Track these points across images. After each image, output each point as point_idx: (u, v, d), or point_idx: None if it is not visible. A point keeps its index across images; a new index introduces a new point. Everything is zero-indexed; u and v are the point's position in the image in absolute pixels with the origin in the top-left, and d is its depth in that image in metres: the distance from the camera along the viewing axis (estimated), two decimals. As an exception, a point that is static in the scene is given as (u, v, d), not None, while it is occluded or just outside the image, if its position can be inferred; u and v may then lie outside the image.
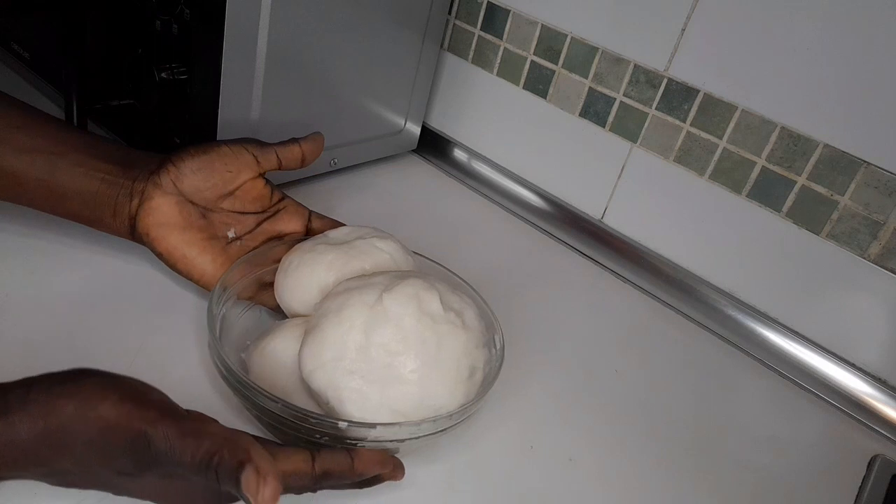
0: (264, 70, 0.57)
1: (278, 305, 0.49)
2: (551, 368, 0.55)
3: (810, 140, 0.57)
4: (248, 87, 0.57)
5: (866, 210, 0.56)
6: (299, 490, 0.36)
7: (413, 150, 0.80)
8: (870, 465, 0.54)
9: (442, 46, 0.76)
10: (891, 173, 0.54)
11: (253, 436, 0.34)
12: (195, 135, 0.58)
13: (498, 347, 0.47)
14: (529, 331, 0.58)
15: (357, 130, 0.71)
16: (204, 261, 0.49)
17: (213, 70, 0.54)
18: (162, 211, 0.48)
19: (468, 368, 0.42)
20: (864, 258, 0.57)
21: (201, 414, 0.36)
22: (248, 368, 0.45)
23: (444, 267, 0.52)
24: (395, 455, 0.40)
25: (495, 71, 0.74)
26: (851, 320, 0.59)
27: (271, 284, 0.50)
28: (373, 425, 0.38)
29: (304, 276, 0.47)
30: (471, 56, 0.75)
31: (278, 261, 0.50)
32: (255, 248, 0.51)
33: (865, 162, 0.55)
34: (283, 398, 0.39)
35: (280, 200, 0.53)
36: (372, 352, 0.41)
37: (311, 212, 0.54)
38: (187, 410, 0.36)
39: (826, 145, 0.56)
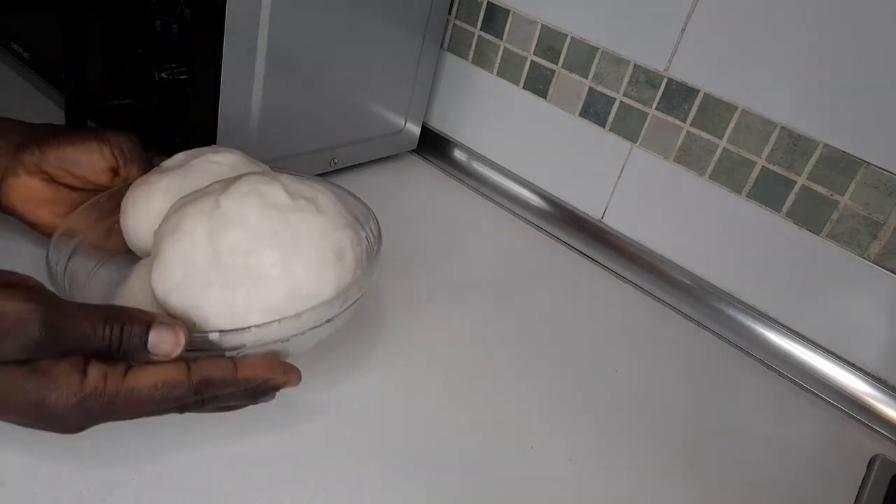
0: (264, 70, 0.57)
1: (130, 250, 0.47)
2: (551, 368, 0.55)
3: (810, 140, 0.57)
4: (248, 86, 0.57)
5: (866, 210, 0.56)
6: (179, 403, 0.35)
7: (413, 150, 0.80)
8: (870, 465, 0.54)
9: (442, 46, 0.76)
10: (891, 173, 0.54)
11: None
12: (195, 135, 0.58)
13: (374, 232, 0.45)
14: (529, 330, 0.58)
15: (357, 130, 0.71)
16: None
17: (213, 70, 0.54)
18: (29, 187, 0.46)
19: (333, 251, 0.40)
20: (864, 258, 0.57)
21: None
22: None
23: (297, 174, 0.48)
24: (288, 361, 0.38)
25: (495, 71, 0.74)
26: (851, 320, 0.59)
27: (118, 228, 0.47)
28: (246, 329, 0.36)
29: (142, 211, 0.44)
30: (471, 56, 0.75)
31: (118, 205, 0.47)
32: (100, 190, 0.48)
33: (865, 162, 0.55)
34: None
35: (150, 157, 0.50)
36: (223, 258, 0.38)
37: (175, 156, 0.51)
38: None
39: (826, 145, 0.56)
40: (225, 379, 0.36)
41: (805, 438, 0.57)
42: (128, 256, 0.48)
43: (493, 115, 0.76)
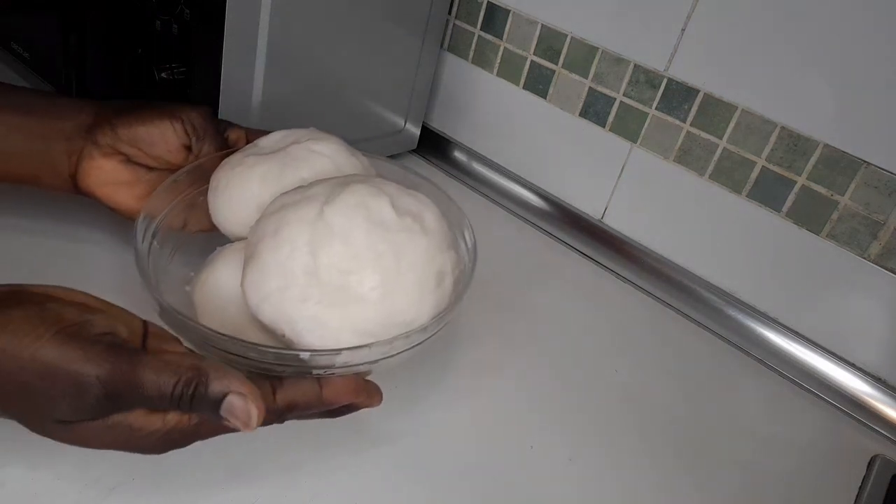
0: (264, 70, 0.57)
1: (214, 227, 0.45)
2: (551, 368, 0.55)
3: (810, 140, 0.57)
4: (247, 86, 0.57)
5: (866, 210, 0.56)
6: (263, 424, 0.33)
7: (413, 150, 0.80)
8: (870, 465, 0.54)
9: (442, 46, 0.76)
10: (891, 173, 0.54)
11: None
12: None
13: (469, 245, 0.43)
14: (529, 330, 0.58)
15: (357, 130, 0.71)
16: None
17: (212, 70, 0.54)
18: (105, 171, 0.45)
19: (435, 276, 0.38)
20: (864, 258, 0.57)
21: (160, 330, 0.34)
22: (194, 303, 0.41)
23: (396, 165, 0.47)
24: (368, 378, 0.37)
25: (495, 71, 0.74)
26: (851, 320, 0.59)
27: (204, 204, 0.46)
28: (338, 351, 0.35)
29: (236, 195, 0.43)
30: (471, 56, 0.75)
31: (206, 179, 0.45)
32: (177, 169, 0.46)
33: (865, 162, 0.55)
34: (236, 333, 0.35)
35: (226, 129, 0.49)
36: (322, 273, 0.36)
37: (248, 130, 0.50)
38: (145, 326, 0.34)
39: (826, 145, 0.56)
40: (310, 403, 0.35)
41: (805, 438, 0.57)
42: (207, 238, 0.46)
43: (493, 115, 0.76)
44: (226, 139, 0.48)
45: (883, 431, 0.58)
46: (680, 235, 0.66)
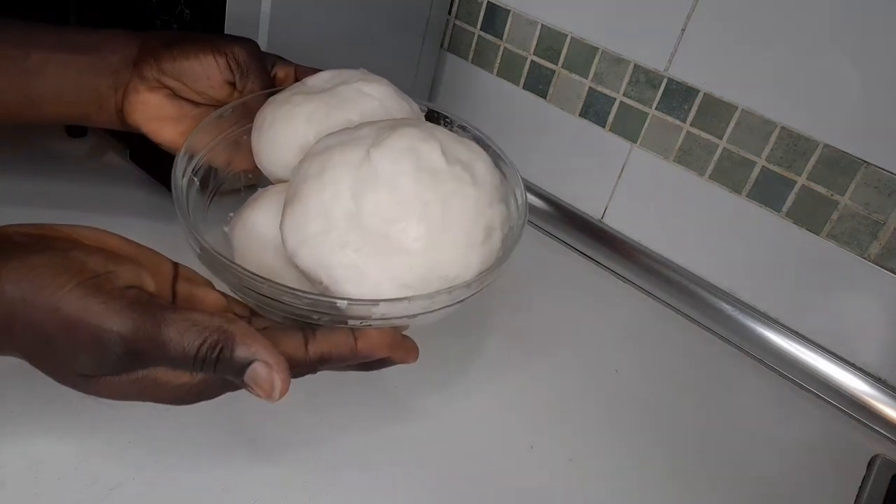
0: (264, 70, 0.57)
1: (257, 168, 0.44)
2: (551, 368, 0.55)
3: (810, 140, 0.57)
4: (248, 87, 0.57)
5: (866, 210, 0.56)
6: (295, 375, 0.32)
7: (413, 150, 0.80)
8: (870, 465, 0.54)
9: (442, 46, 0.76)
10: (891, 173, 0.54)
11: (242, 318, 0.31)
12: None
13: (519, 202, 0.41)
14: (529, 330, 0.58)
15: (357, 130, 0.70)
16: None
17: (213, 70, 0.54)
18: (151, 106, 0.44)
19: (483, 230, 0.36)
20: (864, 258, 0.57)
21: (192, 273, 0.33)
22: (233, 245, 0.40)
23: (445, 114, 0.45)
24: (405, 334, 0.36)
25: (495, 71, 0.74)
26: (851, 320, 0.59)
27: (248, 143, 0.44)
28: (375, 302, 0.33)
29: (280, 134, 0.41)
30: (471, 56, 0.75)
31: (252, 117, 0.44)
32: (223, 105, 0.45)
33: (865, 162, 0.55)
34: (273, 277, 0.34)
35: (273, 65, 0.48)
36: (365, 220, 0.34)
37: (297, 66, 0.49)
38: (175, 269, 0.33)
39: (826, 145, 0.56)
40: (343, 355, 0.33)
41: (805, 438, 0.57)
42: (249, 178, 0.45)
43: (493, 116, 0.76)
44: (273, 76, 0.47)
45: (883, 431, 0.58)
46: (680, 235, 0.66)
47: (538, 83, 0.71)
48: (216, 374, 0.30)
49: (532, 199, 0.74)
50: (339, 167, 0.35)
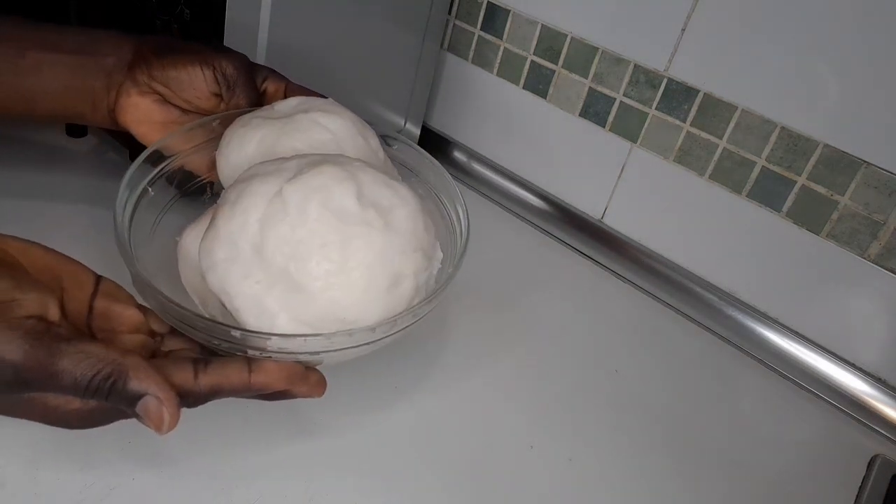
0: (264, 70, 0.57)
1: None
2: (551, 368, 0.55)
3: (810, 140, 0.57)
4: (248, 87, 0.57)
5: (866, 210, 0.56)
6: (185, 405, 0.33)
7: (413, 150, 0.80)
8: (870, 465, 0.54)
9: (442, 46, 0.76)
10: (891, 173, 0.54)
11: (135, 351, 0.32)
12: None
13: (459, 242, 0.41)
14: (529, 330, 0.58)
15: (357, 130, 0.71)
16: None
17: (213, 70, 0.54)
18: (141, 109, 0.45)
19: (388, 277, 0.36)
20: (864, 258, 0.57)
21: (113, 288, 0.33)
22: (178, 258, 0.40)
23: (414, 148, 0.46)
24: (319, 370, 0.36)
25: (495, 71, 0.74)
26: (851, 320, 0.59)
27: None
28: (269, 335, 0.34)
29: (233, 154, 0.42)
30: (471, 56, 0.75)
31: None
32: (210, 114, 0.47)
33: (865, 162, 0.55)
34: (201, 295, 0.35)
35: (265, 80, 0.48)
36: (268, 253, 0.35)
37: (288, 83, 0.49)
38: (97, 283, 0.33)
39: (826, 145, 0.56)
40: (235, 388, 0.34)
41: (805, 438, 0.57)
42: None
43: (493, 115, 0.76)
44: (263, 90, 0.48)
45: (883, 431, 0.58)
46: (680, 235, 0.66)
47: (538, 83, 0.71)
48: (108, 402, 0.30)
49: (532, 198, 0.75)
50: (254, 197, 0.36)
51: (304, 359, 0.35)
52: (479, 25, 0.73)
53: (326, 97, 0.47)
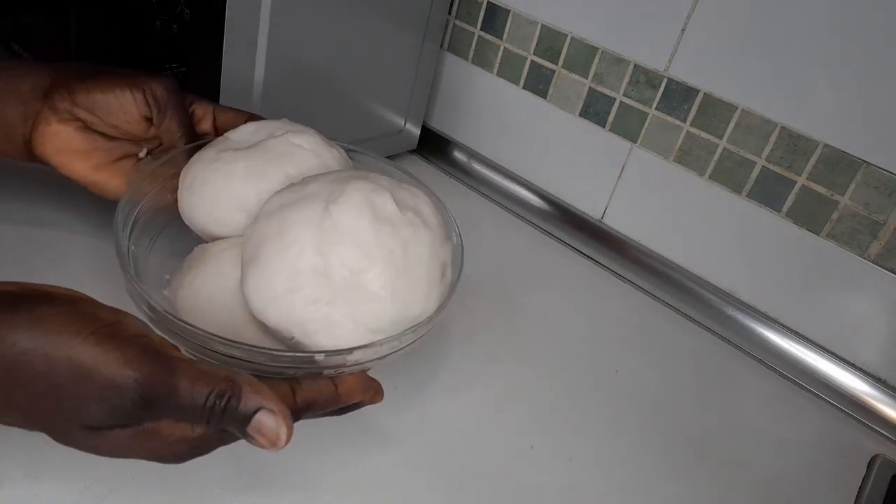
0: (264, 70, 0.57)
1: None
2: (551, 368, 0.55)
3: (810, 140, 0.57)
4: (247, 87, 0.57)
5: (866, 210, 0.56)
6: None
7: (413, 150, 0.80)
8: (870, 465, 0.54)
9: (442, 46, 0.76)
10: (891, 173, 0.54)
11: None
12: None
13: (456, 238, 0.43)
14: (529, 330, 0.58)
15: (357, 130, 0.71)
16: (117, 184, 0.44)
17: (212, 70, 0.54)
18: (62, 138, 0.43)
19: (439, 269, 0.39)
20: (864, 258, 0.57)
21: (161, 337, 0.32)
22: (177, 308, 0.40)
23: (370, 155, 0.47)
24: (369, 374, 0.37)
25: (495, 71, 0.74)
26: (851, 320, 0.59)
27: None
28: (350, 350, 0.35)
29: (218, 193, 0.41)
30: (471, 56, 0.75)
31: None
32: (137, 139, 0.45)
33: (865, 162, 0.55)
34: (230, 336, 0.34)
35: (191, 103, 0.47)
36: (333, 273, 0.36)
37: (215, 106, 0.47)
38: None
39: (826, 145, 0.56)
40: (327, 402, 0.34)
41: (805, 438, 0.57)
42: (176, 237, 0.44)
43: (493, 115, 0.76)
44: (191, 113, 0.46)
45: (883, 431, 0.58)
46: (680, 235, 0.66)
47: (538, 83, 0.71)
48: (221, 424, 0.30)
49: (532, 198, 0.75)
50: (300, 225, 0.36)
51: (371, 365, 0.36)
52: (479, 25, 0.73)
53: (264, 117, 0.46)
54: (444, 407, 0.49)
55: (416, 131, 0.77)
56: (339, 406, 0.35)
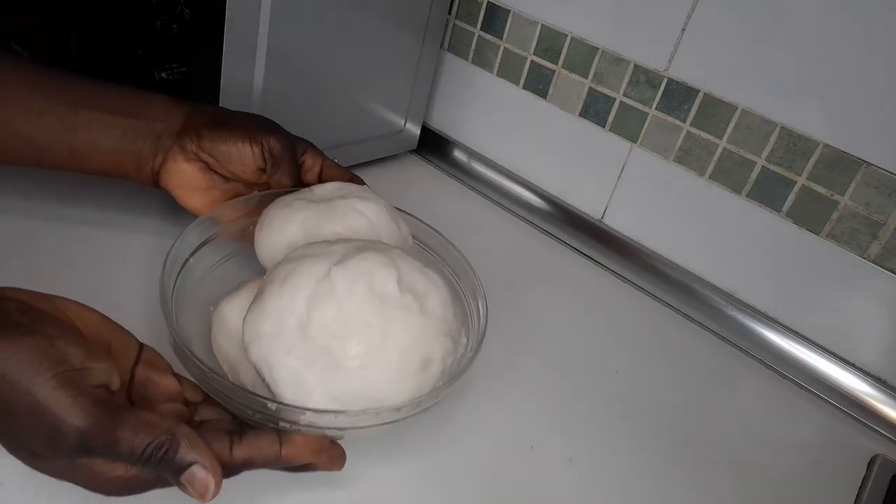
0: (264, 70, 0.57)
1: None
2: (551, 368, 0.55)
3: (810, 140, 0.57)
4: (247, 87, 0.57)
5: (866, 210, 0.56)
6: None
7: (413, 150, 0.80)
8: (870, 465, 0.54)
9: (442, 46, 0.76)
10: (891, 173, 0.54)
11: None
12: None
13: (477, 329, 0.43)
14: (529, 331, 0.58)
15: (357, 130, 0.71)
16: None
17: (213, 70, 0.54)
18: (185, 175, 0.48)
19: (420, 360, 0.38)
20: (864, 258, 0.57)
21: (154, 357, 0.36)
22: (211, 324, 0.42)
23: (437, 232, 0.49)
24: (339, 443, 0.38)
25: (495, 71, 0.74)
26: (851, 320, 0.59)
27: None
28: (303, 410, 0.36)
29: (275, 234, 0.45)
30: (471, 56, 0.75)
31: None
32: (250, 183, 0.50)
33: (865, 162, 0.55)
34: (234, 365, 0.37)
35: (303, 153, 0.51)
36: (312, 330, 0.37)
37: (325, 159, 0.52)
38: (140, 351, 0.36)
39: (826, 145, 0.56)
40: (267, 460, 0.35)
41: (805, 438, 0.57)
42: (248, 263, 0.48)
43: (493, 116, 0.76)
44: (302, 163, 0.51)
45: (883, 431, 0.58)
46: (680, 235, 0.66)
47: (538, 83, 0.71)
48: (157, 470, 0.32)
49: (532, 198, 0.75)
50: (303, 277, 0.38)
51: (331, 433, 0.37)
52: (479, 25, 0.73)
53: (363, 183, 0.51)
54: (444, 407, 0.49)
55: (416, 131, 0.77)
56: (283, 465, 0.36)
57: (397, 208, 0.49)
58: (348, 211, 0.45)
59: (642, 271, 0.68)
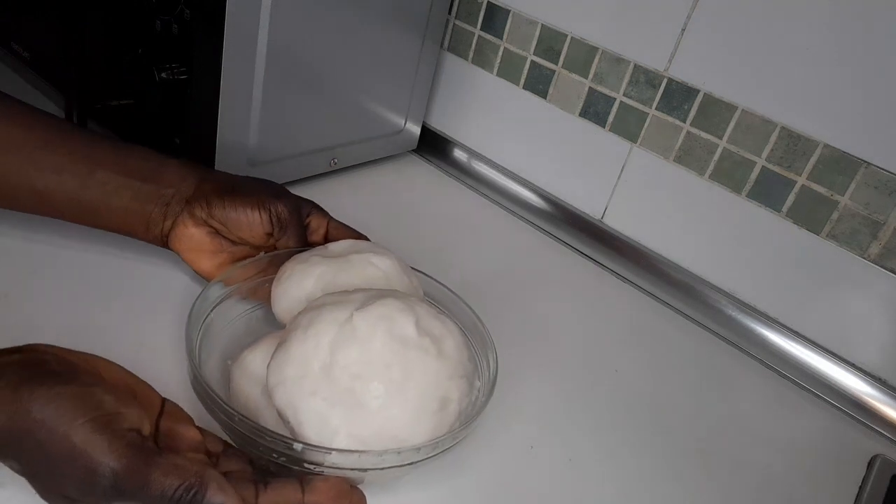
0: (264, 70, 0.57)
1: None
2: (551, 368, 0.55)
3: (810, 140, 0.57)
4: (248, 87, 0.57)
5: (866, 210, 0.56)
6: None
7: (413, 150, 0.80)
8: (870, 465, 0.54)
9: (442, 46, 0.76)
10: (891, 173, 0.54)
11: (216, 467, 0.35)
12: (195, 135, 0.58)
13: (487, 379, 0.45)
14: (529, 331, 0.58)
15: (357, 130, 0.71)
16: None
17: (213, 70, 0.54)
18: (194, 239, 0.49)
19: (438, 400, 0.40)
20: (864, 258, 0.57)
21: (176, 409, 0.37)
22: (231, 376, 0.44)
23: (447, 288, 0.51)
24: (359, 486, 0.38)
25: (495, 71, 0.74)
26: (851, 320, 0.59)
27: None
28: (329, 450, 0.37)
29: (293, 287, 0.47)
30: (471, 56, 0.75)
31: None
32: (256, 247, 0.51)
33: (865, 162, 0.55)
34: (256, 413, 0.39)
35: (308, 215, 0.53)
36: (335, 372, 0.39)
37: (330, 220, 0.54)
38: (163, 404, 0.37)
39: (826, 145, 0.56)
40: None
41: (805, 438, 0.57)
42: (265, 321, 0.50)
43: (493, 115, 0.76)
44: (307, 224, 0.52)
45: (883, 431, 0.58)
46: (680, 235, 0.67)
47: (538, 83, 0.71)
48: None
49: (532, 198, 0.75)
50: (326, 323, 0.40)
51: (352, 475, 0.38)
52: (479, 25, 0.73)
53: (369, 239, 0.53)
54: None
55: (416, 131, 0.77)
56: None
57: (412, 267, 0.51)
58: (364, 265, 0.48)
59: (642, 271, 0.68)
